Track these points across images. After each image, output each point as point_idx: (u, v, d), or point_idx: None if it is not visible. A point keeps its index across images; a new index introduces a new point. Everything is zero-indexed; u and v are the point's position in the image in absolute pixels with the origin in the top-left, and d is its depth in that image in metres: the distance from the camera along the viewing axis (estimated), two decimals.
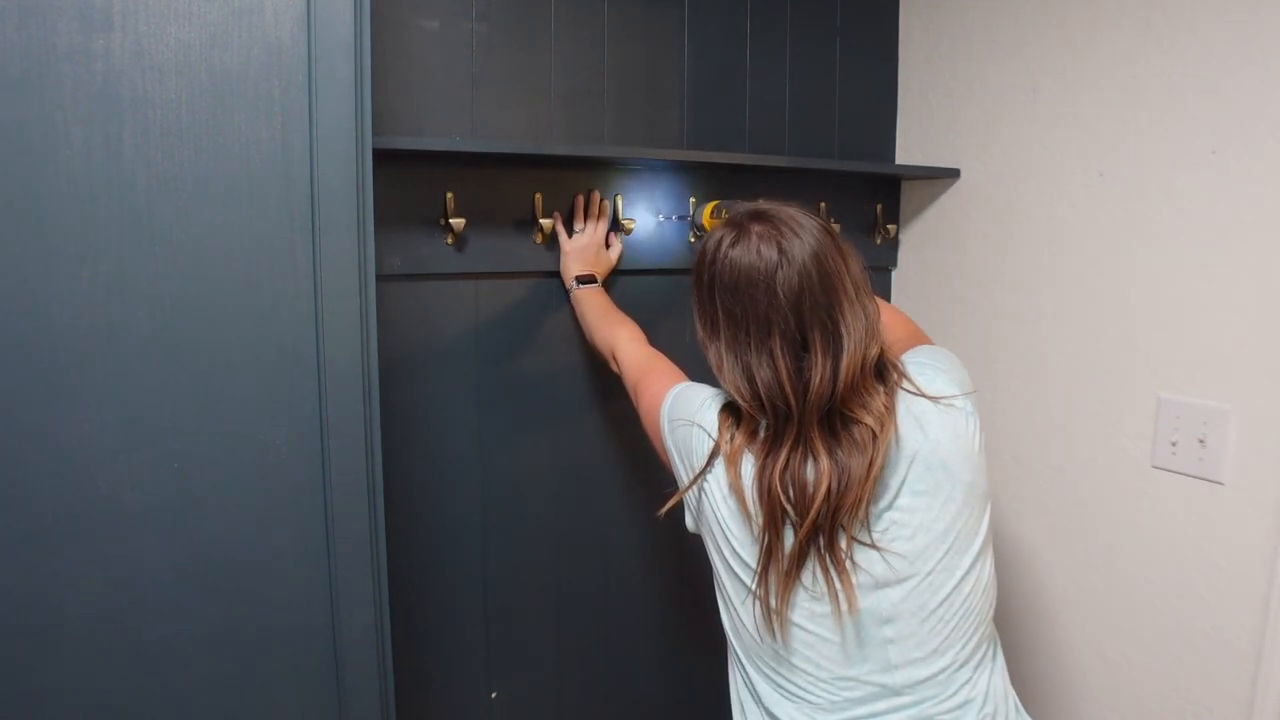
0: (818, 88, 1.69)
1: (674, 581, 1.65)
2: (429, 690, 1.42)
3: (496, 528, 1.46)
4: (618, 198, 1.47)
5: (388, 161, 1.25)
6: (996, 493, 1.64)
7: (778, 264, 0.93)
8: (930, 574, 0.96)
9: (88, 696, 0.89)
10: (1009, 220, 1.58)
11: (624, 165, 1.47)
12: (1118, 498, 1.43)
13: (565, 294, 1.46)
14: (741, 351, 0.96)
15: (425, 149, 1.25)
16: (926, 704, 0.97)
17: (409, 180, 1.31)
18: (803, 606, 0.97)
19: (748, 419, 0.99)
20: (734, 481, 0.97)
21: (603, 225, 1.44)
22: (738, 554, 0.99)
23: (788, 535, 0.95)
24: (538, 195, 1.41)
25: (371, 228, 0.96)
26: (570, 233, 1.43)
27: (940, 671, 0.97)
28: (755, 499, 0.96)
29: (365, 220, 0.96)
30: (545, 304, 1.47)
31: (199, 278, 0.89)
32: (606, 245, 1.45)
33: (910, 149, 1.77)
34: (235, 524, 0.93)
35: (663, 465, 1.13)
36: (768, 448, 0.96)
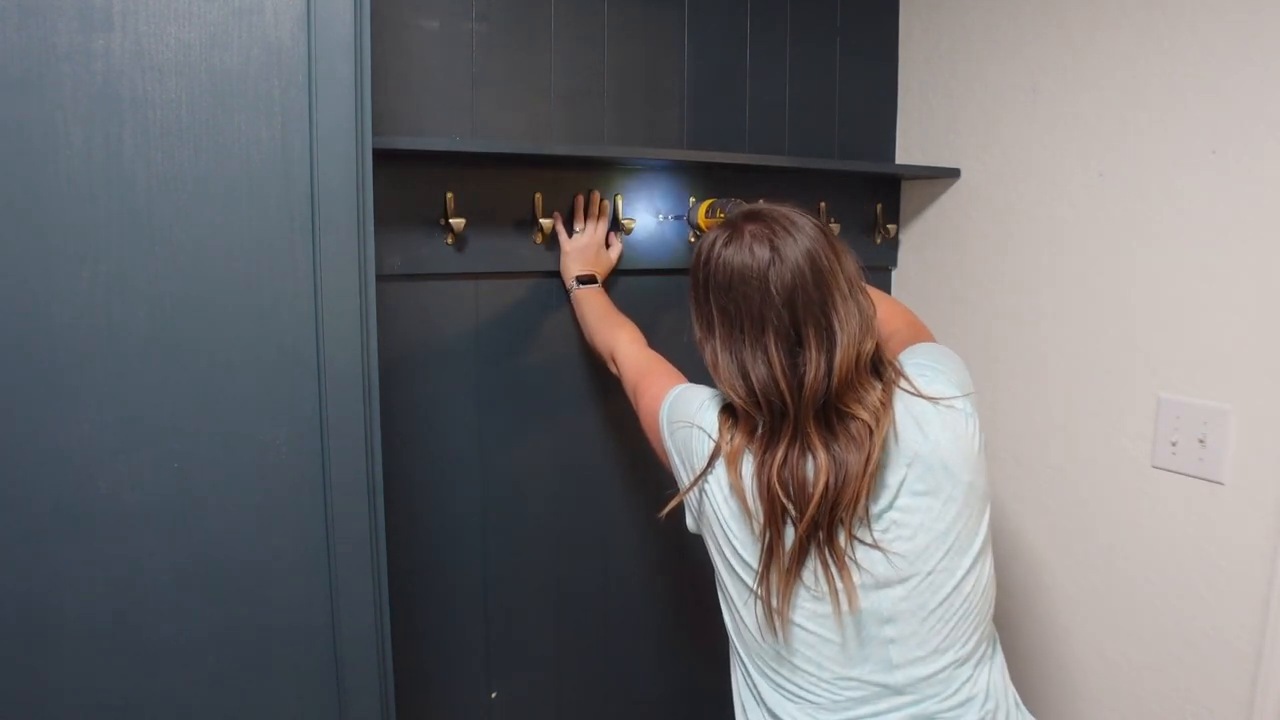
0: (818, 88, 1.69)
1: (674, 581, 1.65)
2: (429, 690, 1.42)
3: (496, 528, 1.46)
4: (618, 198, 1.47)
5: (388, 161, 1.25)
6: (996, 493, 1.64)
7: (770, 261, 0.94)
8: (931, 574, 0.96)
9: (88, 696, 0.89)
10: (1009, 220, 1.58)
11: (624, 165, 1.47)
12: (1118, 498, 1.43)
13: (565, 294, 1.46)
14: (736, 349, 0.97)
15: (425, 149, 1.25)
16: (928, 702, 0.97)
17: (409, 180, 1.31)
18: (804, 606, 0.97)
19: (745, 418, 0.99)
20: (735, 482, 0.97)
21: (603, 225, 1.44)
22: (739, 554, 1.00)
23: (788, 533, 0.95)
24: (538, 195, 1.41)
25: (371, 228, 0.96)
26: (570, 233, 1.43)
27: (941, 670, 0.97)
28: (755, 497, 0.96)
29: (365, 220, 0.96)
30: (545, 304, 1.47)
31: (199, 278, 0.89)
32: (607, 245, 1.45)
33: (910, 149, 1.77)
34: (235, 524, 0.93)
35: (662, 466, 1.13)
36: (765, 445, 0.96)
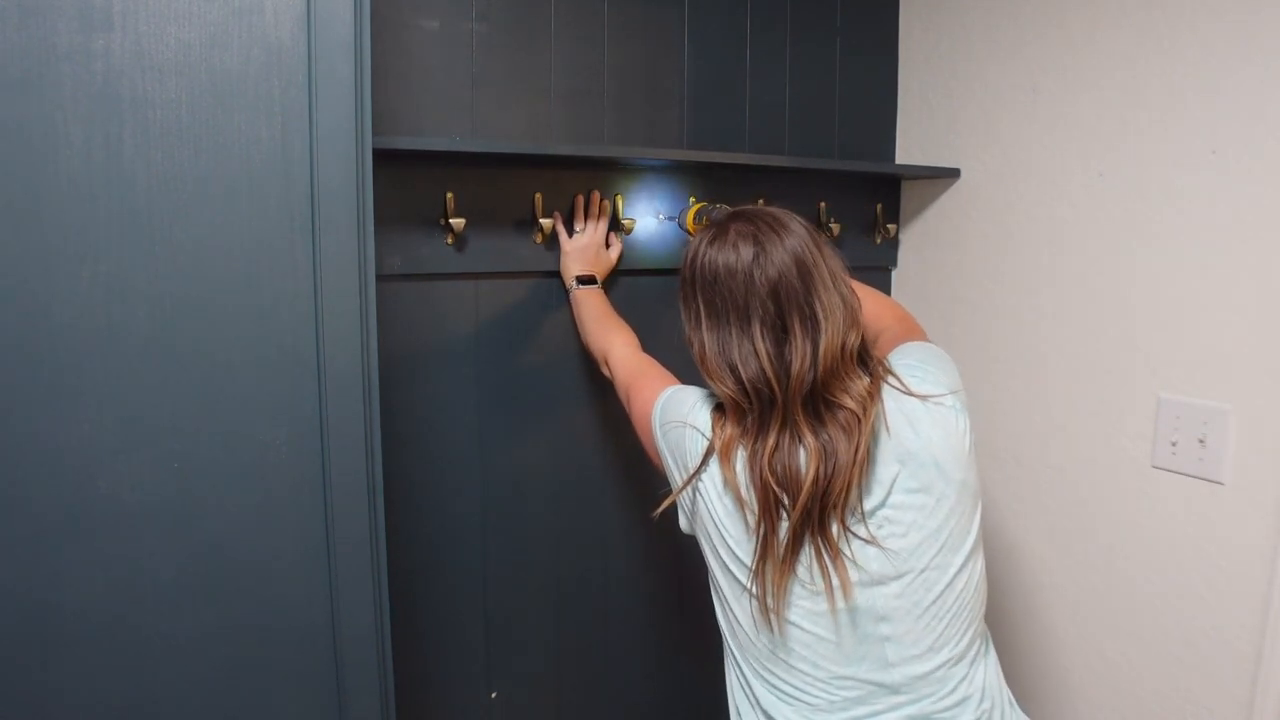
0: (818, 88, 1.69)
1: (674, 581, 1.65)
2: (429, 690, 1.42)
3: (496, 528, 1.46)
4: (618, 198, 1.47)
5: (388, 161, 1.25)
6: (997, 493, 1.64)
7: (755, 257, 0.97)
8: (924, 570, 0.96)
9: (88, 696, 0.89)
10: (1009, 220, 1.58)
11: (624, 165, 1.47)
12: (1118, 498, 1.43)
13: (565, 294, 1.46)
14: (724, 340, 0.98)
15: (425, 149, 1.25)
16: (924, 702, 0.97)
17: (409, 180, 1.31)
18: (799, 604, 0.97)
19: (735, 411, 0.99)
20: (728, 476, 0.97)
21: (603, 225, 1.44)
22: (733, 552, 1.00)
23: (782, 526, 0.95)
24: (538, 195, 1.41)
25: (371, 228, 0.96)
26: (570, 232, 1.43)
27: (937, 668, 0.97)
28: (749, 487, 0.96)
29: (365, 220, 0.96)
30: (545, 304, 1.47)
31: (199, 278, 0.89)
32: (607, 245, 1.45)
33: (910, 149, 1.77)
34: (235, 524, 0.93)
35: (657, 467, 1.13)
36: (756, 435, 0.97)
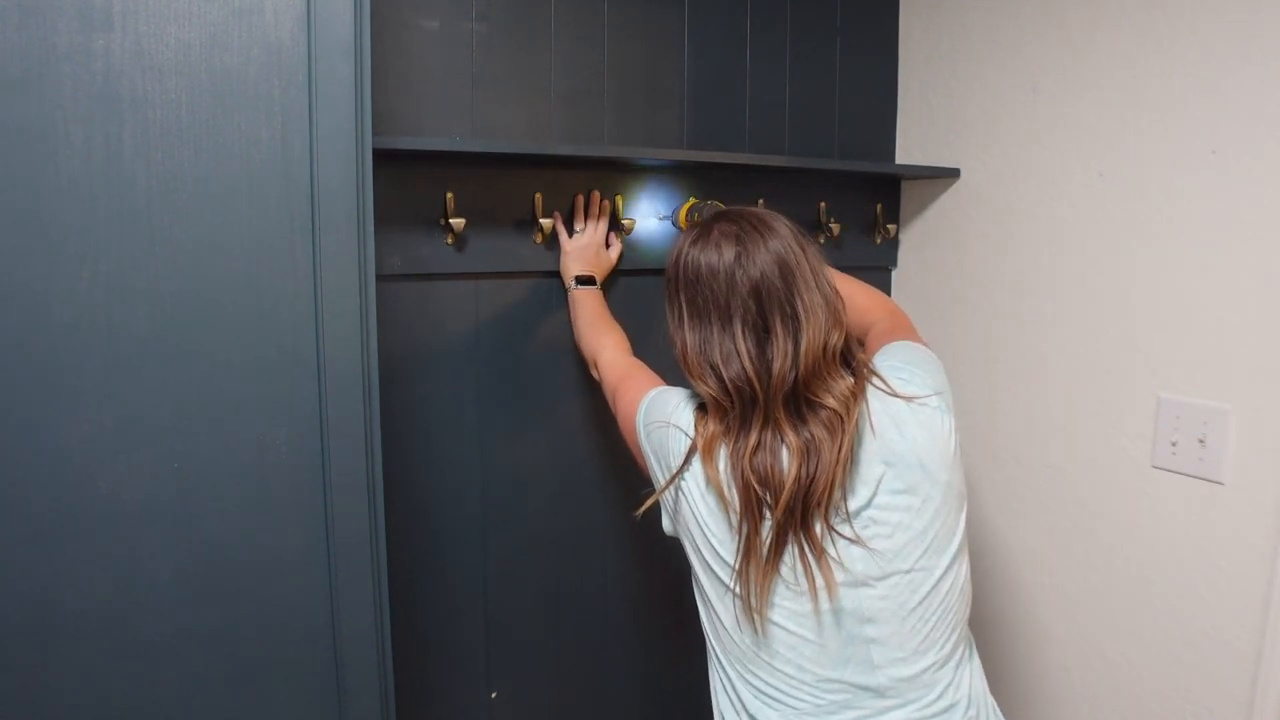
0: (818, 88, 1.69)
1: (674, 581, 1.65)
2: (429, 690, 1.42)
3: (496, 528, 1.46)
4: (618, 198, 1.47)
5: (388, 161, 1.25)
6: (997, 493, 1.64)
7: (736, 256, 0.98)
8: (910, 572, 0.96)
9: (88, 696, 0.89)
10: (1009, 220, 1.58)
11: (624, 165, 1.47)
12: (1118, 498, 1.43)
13: (565, 293, 1.46)
14: (705, 339, 0.99)
15: (425, 149, 1.25)
16: (910, 707, 0.97)
17: (409, 180, 1.31)
18: (783, 605, 0.97)
19: (717, 410, 0.99)
20: (711, 475, 0.97)
21: (603, 225, 1.44)
22: (716, 551, 1.00)
23: (765, 525, 0.95)
24: (538, 195, 1.41)
25: (371, 228, 0.96)
26: (570, 232, 1.43)
27: (922, 671, 0.97)
28: (730, 486, 0.96)
29: (365, 220, 0.96)
30: (545, 304, 1.47)
31: (199, 278, 0.89)
32: (607, 245, 1.46)
33: (910, 149, 1.77)
34: (235, 524, 0.93)
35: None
36: (738, 434, 0.97)
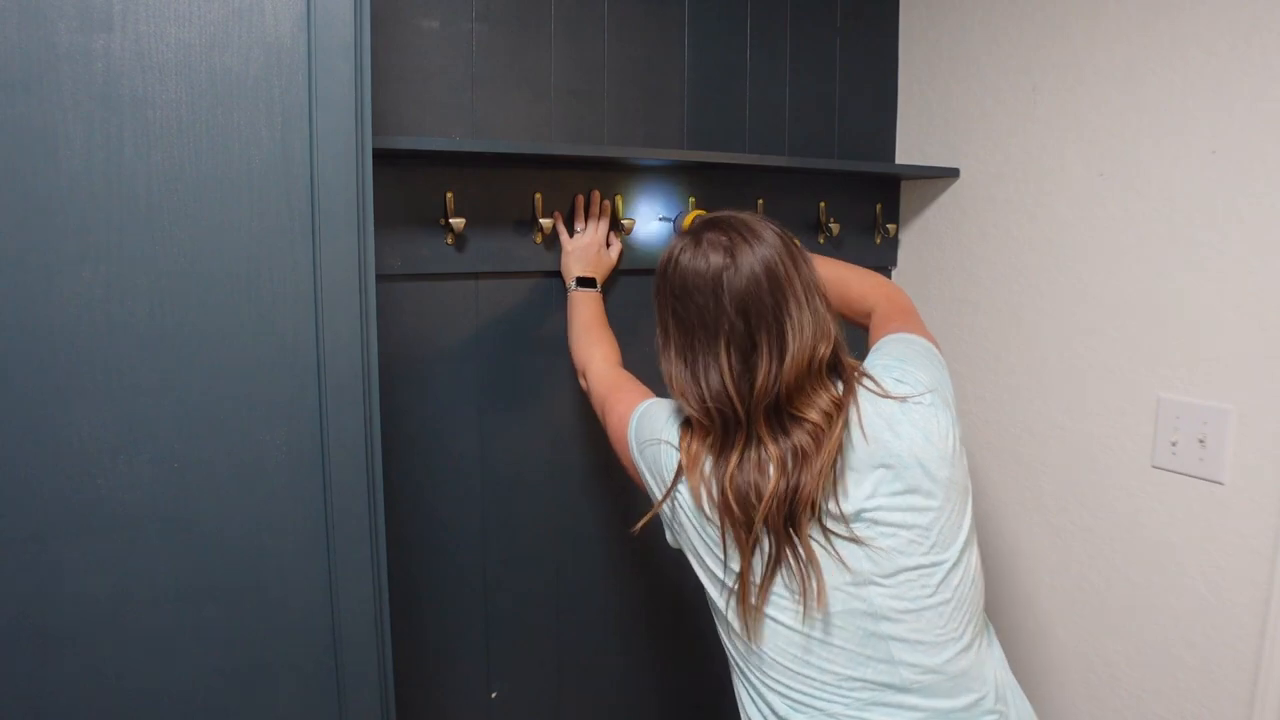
0: (818, 88, 1.69)
1: (674, 581, 1.65)
2: (429, 690, 1.42)
3: (496, 528, 1.46)
4: (618, 198, 1.47)
5: (388, 161, 1.25)
6: (997, 493, 1.64)
7: (724, 268, 0.96)
8: (918, 569, 0.96)
9: (88, 696, 0.89)
10: (1009, 220, 1.58)
11: (624, 165, 1.47)
12: (1118, 498, 1.43)
13: (565, 292, 1.46)
14: (690, 358, 0.99)
15: (425, 149, 1.24)
16: (937, 699, 0.97)
17: (409, 180, 1.31)
18: (786, 609, 0.97)
19: (700, 428, 1.00)
20: (695, 491, 0.98)
21: (603, 225, 1.44)
22: (719, 561, 1.00)
23: (758, 538, 0.96)
24: (538, 195, 1.41)
25: (371, 228, 0.96)
26: (571, 232, 1.43)
27: (945, 663, 0.97)
28: (711, 504, 0.97)
29: (365, 220, 0.96)
30: (545, 304, 1.47)
31: (199, 277, 0.89)
32: (608, 245, 1.46)
33: (910, 149, 1.77)
34: (235, 524, 0.93)
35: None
36: (719, 453, 0.98)
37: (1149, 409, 1.37)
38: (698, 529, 1.01)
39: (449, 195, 1.33)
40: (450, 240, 1.35)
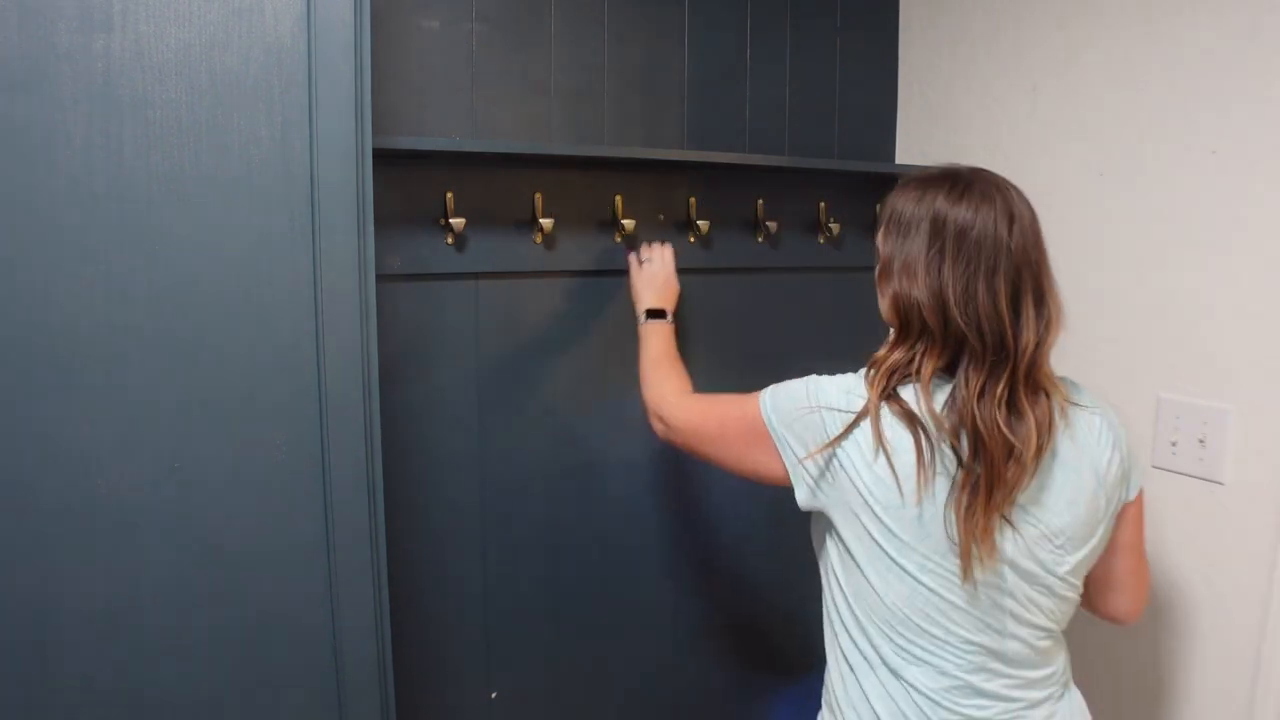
0: (818, 88, 1.69)
1: (674, 581, 1.65)
2: (429, 690, 1.42)
3: (496, 528, 1.46)
4: (617, 197, 1.47)
5: (388, 161, 1.25)
6: None
7: (1006, 224, 0.97)
8: (1067, 571, 1.01)
9: (88, 696, 0.89)
10: None
11: (624, 165, 1.47)
12: None
13: (571, 295, 1.46)
14: (968, 276, 0.95)
15: (425, 149, 1.25)
16: (1026, 670, 1.03)
17: (409, 180, 1.31)
18: (936, 574, 0.98)
19: (940, 351, 0.96)
20: (913, 416, 0.96)
21: (669, 250, 1.42)
22: (882, 521, 0.98)
23: (961, 475, 0.95)
24: (538, 195, 1.41)
25: (371, 228, 0.96)
26: (640, 260, 1.42)
27: (1039, 639, 1.03)
28: (940, 430, 0.95)
29: (365, 220, 0.96)
30: (545, 304, 1.47)
31: (199, 278, 0.89)
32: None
33: (910, 149, 1.77)
34: (235, 524, 0.93)
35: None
36: (981, 377, 0.95)
37: (1149, 409, 1.37)
38: (866, 489, 0.98)
39: (449, 195, 1.33)
40: (450, 240, 1.35)
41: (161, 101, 0.86)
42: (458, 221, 1.32)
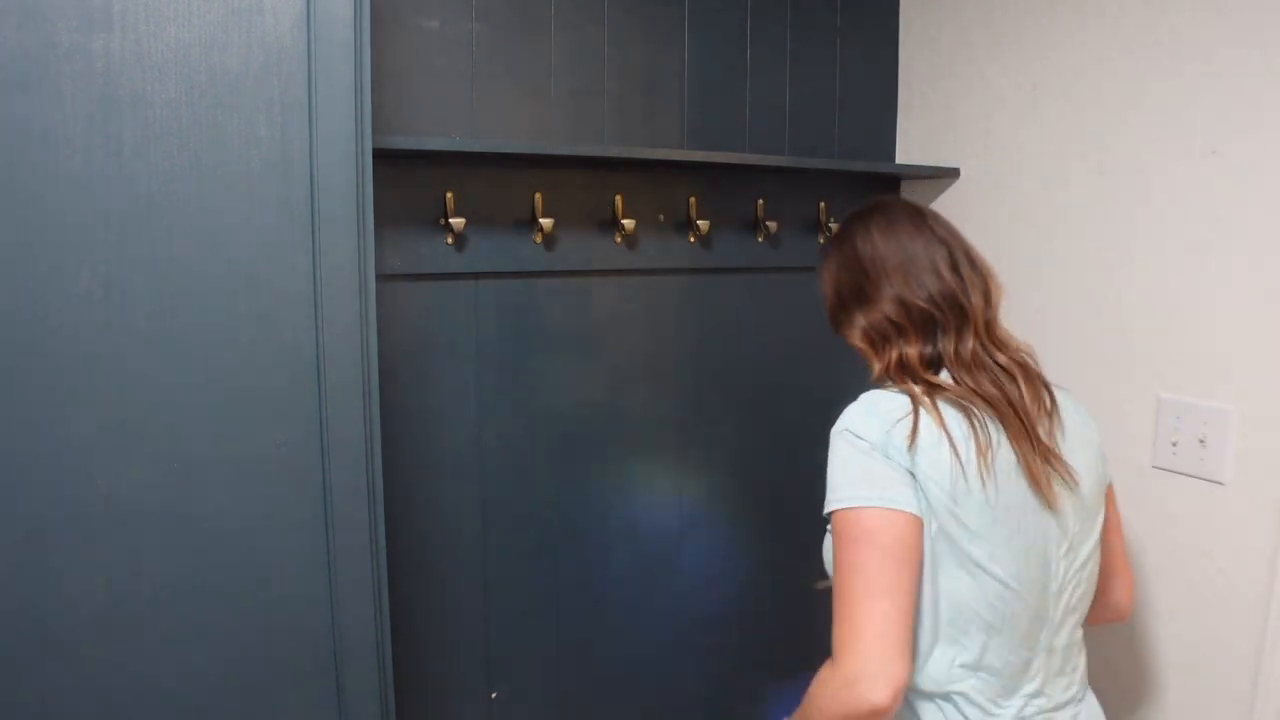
0: (818, 87, 1.69)
1: (674, 582, 1.65)
2: (429, 690, 1.42)
3: (496, 527, 1.46)
4: (618, 197, 1.47)
5: (388, 161, 1.25)
6: None
7: (922, 219, 1.09)
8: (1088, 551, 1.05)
9: (88, 696, 0.89)
10: (1008, 220, 1.58)
11: (624, 165, 1.47)
12: (1118, 498, 1.43)
13: (571, 295, 1.47)
14: (909, 270, 1.05)
15: (425, 149, 1.24)
16: (1067, 666, 1.05)
17: (409, 180, 1.31)
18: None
19: (919, 333, 1.04)
20: (949, 400, 0.99)
21: None
22: (963, 515, 0.95)
23: (1005, 437, 0.99)
24: (538, 195, 1.41)
25: (371, 227, 0.96)
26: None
27: (1072, 642, 1.06)
28: (970, 407, 0.98)
29: (365, 220, 0.96)
30: (545, 304, 1.47)
31: (199, 278, 0.89)
32: None
33: (910, 148, 1.77)
34: (235, 524, 0.93)
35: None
36: (954, 348, 1.03)
37: (1149, 409, 1.37)
38: (944, 494, 0.94)
39: (449, 195, 1.33)
40: (450, 240, 1.35)
41: (161, 101, 0.86)
42: (458, 221, 1.32)
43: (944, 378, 1.02)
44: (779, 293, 1.69)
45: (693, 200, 1.55)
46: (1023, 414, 0.99)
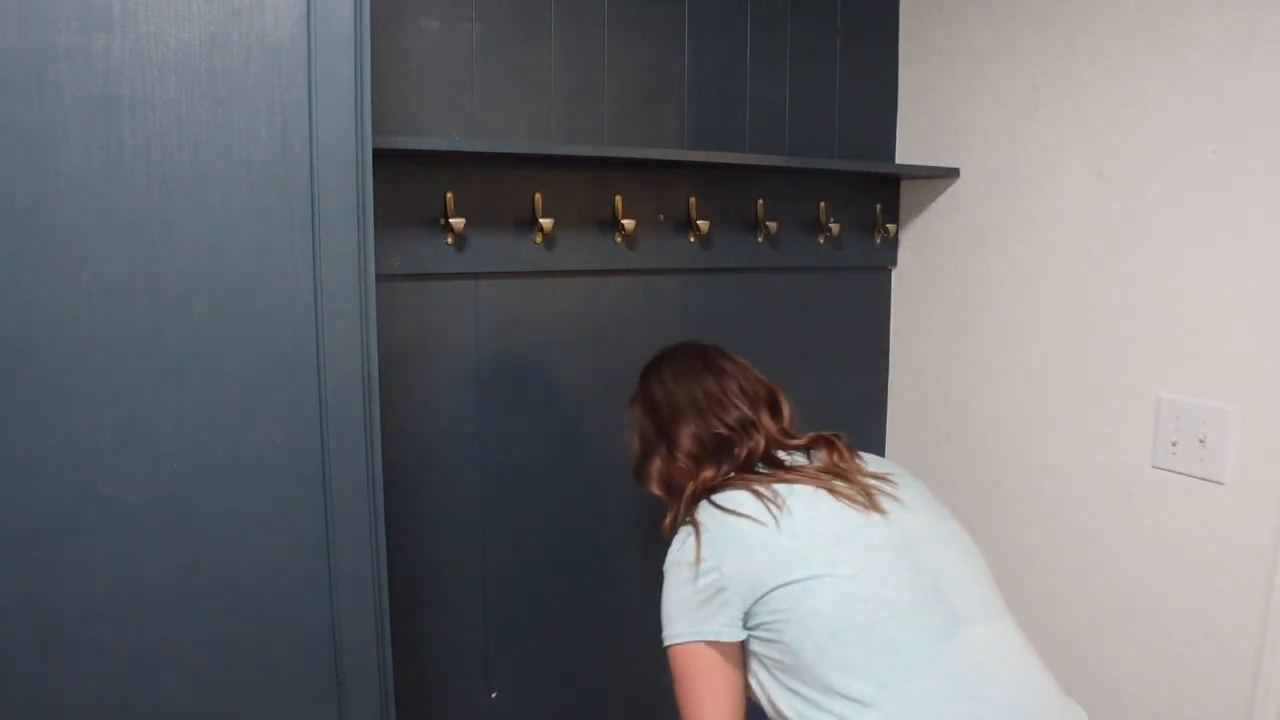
0: (818, 87, 1.69)
1: None
2: (429, 690, 1.42)
3: (496, 527, 1.46)
4: (618, 197, 1.47)
5: (388, 161, 1.25)
6: (996, 493, 1.64)
7: (708, 346, 1.26)
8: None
9: (88, 696, 0.89)
10: (1008, 220, 1.58)
11: (624, 165, 1.47)
12: (1118, 498, 1.43)
13: (571, 295, 1.47)
14: (703, 407, 1.18)
15: (425, 149, 1.24)
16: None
17: (409, 180, 1.31)
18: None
19: (713, 457, 1.16)
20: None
21: None
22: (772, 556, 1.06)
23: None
24: (538, 195, 1.41)
25: (371, 228, 0.96)
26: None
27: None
28: (754, 482, 1.10)
29: (365, 220, 0.96)
30: (545, 304, 1.47)
31: (198, 278, 0.89)
32: None
33: (910, 148, 1.77)
34: (235, 524, 0.93)
35: None
36: (744, 459, 1.15)
37: (1149, 409, 1.37)
38: (739, 549, 1.06)
39: (449, 195, 1.33)
40: (450, 240, 1.35)
41: (161, 101, 0.86)
42: (458, 221, 1.32)
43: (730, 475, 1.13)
44: (779, 293, 1.69)
45: (693, 200, 1.55)
46: (830, 468, 1.12)
